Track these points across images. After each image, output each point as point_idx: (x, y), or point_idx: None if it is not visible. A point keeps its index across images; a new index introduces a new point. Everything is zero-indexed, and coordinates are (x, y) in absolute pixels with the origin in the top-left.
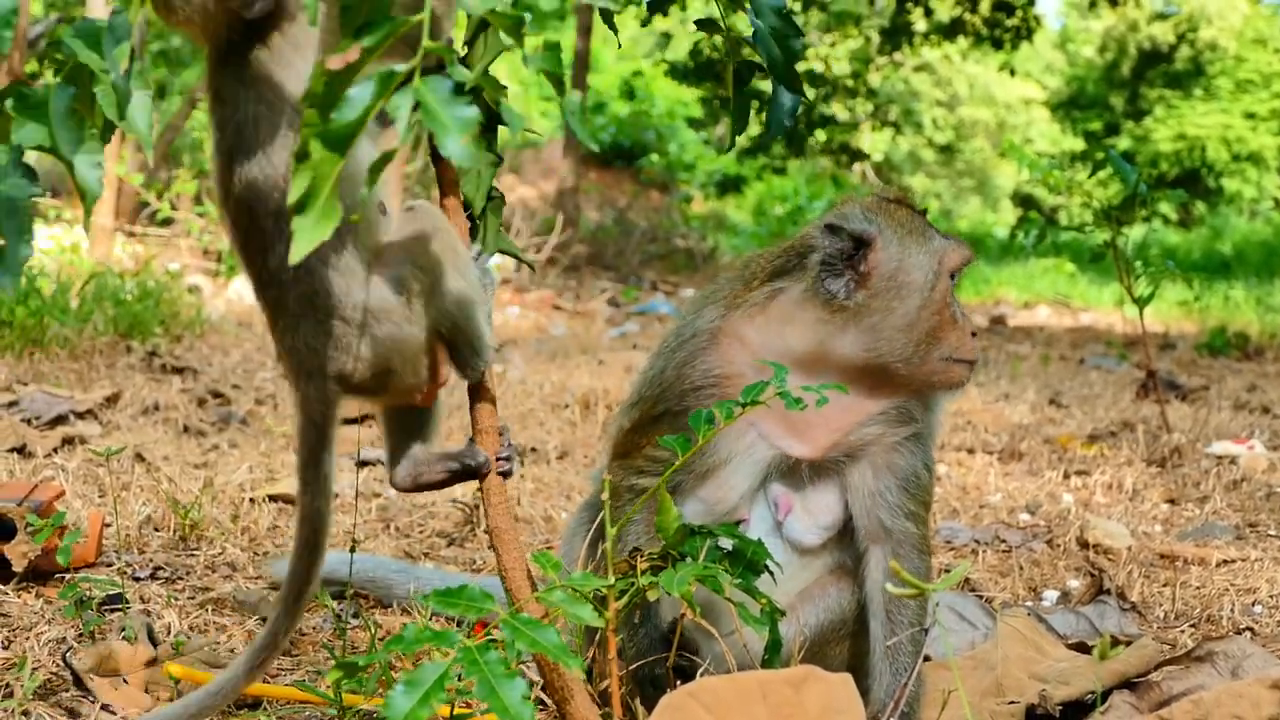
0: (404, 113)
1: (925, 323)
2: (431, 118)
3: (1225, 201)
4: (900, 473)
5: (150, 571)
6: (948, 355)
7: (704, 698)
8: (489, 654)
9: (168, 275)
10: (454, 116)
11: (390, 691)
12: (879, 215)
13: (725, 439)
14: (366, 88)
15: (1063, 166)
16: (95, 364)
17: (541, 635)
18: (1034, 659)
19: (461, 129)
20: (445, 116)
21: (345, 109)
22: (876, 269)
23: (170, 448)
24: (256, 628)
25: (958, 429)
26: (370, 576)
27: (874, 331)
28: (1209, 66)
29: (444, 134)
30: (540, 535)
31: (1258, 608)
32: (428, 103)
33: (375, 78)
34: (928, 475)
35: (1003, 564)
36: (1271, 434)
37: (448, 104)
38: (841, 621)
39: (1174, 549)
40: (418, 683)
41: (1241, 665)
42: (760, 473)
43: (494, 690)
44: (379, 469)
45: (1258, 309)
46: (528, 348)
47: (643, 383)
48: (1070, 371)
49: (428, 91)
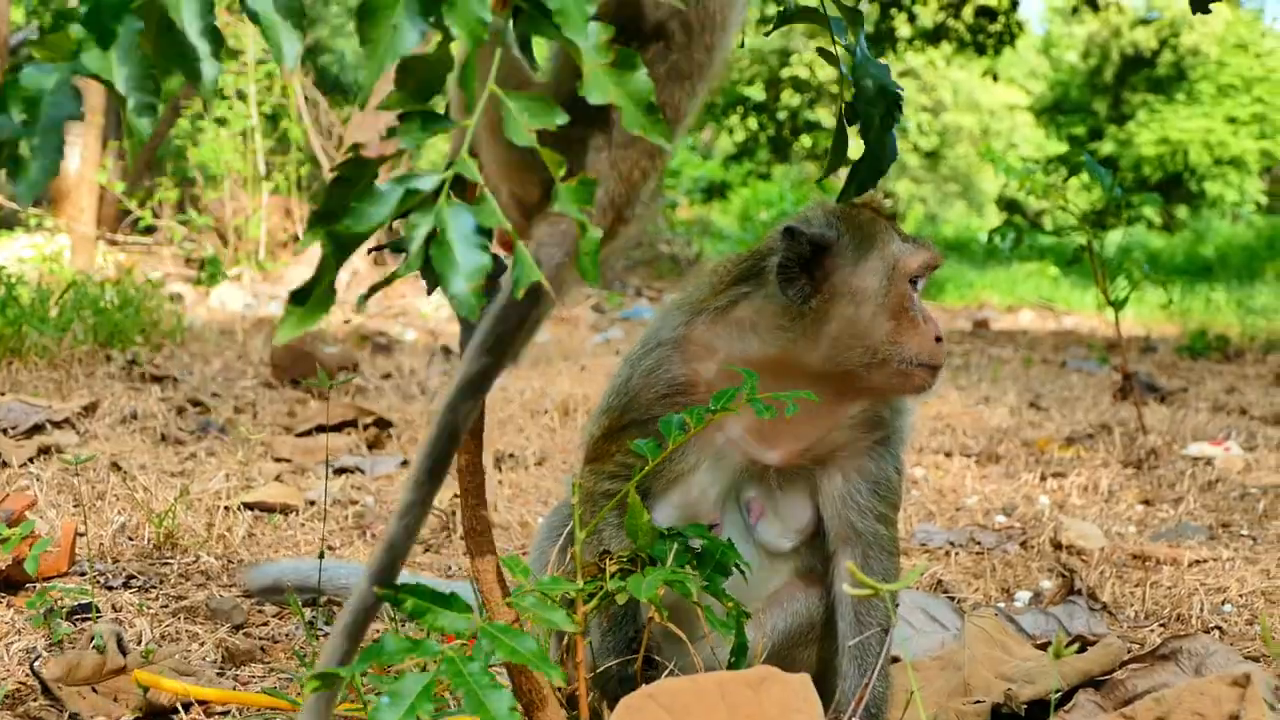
0: (419, 238)
1: (882, 328)
2: (444, 254)
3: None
4: (870, 476)
5: (123, 580)
6: (909, 360)
7: (663, 699)
8: (470, 664)
9: (148, 284)
10: (468, 260)
11: (376, 702)
12: (840, 220)
13: (694, 445)
14: (388, 197)
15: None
16: (74, 373)
17: (520, 644)
18: (1001, 659)
19: (472, 276)
20: (459, 257)
21: (358, 219)
22: (833, 274)
23: (147, 456)
24: (228, 636)
25: (936, 432)
26: (344, 584)
27: (832, 338)
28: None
29: (452, 275)
30: (517, 540)
31: (1227, 607)
32: (446, 236)
33: (401, 189)
34: (898, 478)
35: (976, 565)
36: (1248, 435)
37: (465, 243)
38: (810, 625)
39: (1147, 549)
40: (402, 694)
41: (1205, 663)
42: (730, 478)
43: (481, 702)
44: (356, 476)
45: (1238, 312)
46: None
47: (611, 391)
48: (1051, 374)
49: (450, 223)
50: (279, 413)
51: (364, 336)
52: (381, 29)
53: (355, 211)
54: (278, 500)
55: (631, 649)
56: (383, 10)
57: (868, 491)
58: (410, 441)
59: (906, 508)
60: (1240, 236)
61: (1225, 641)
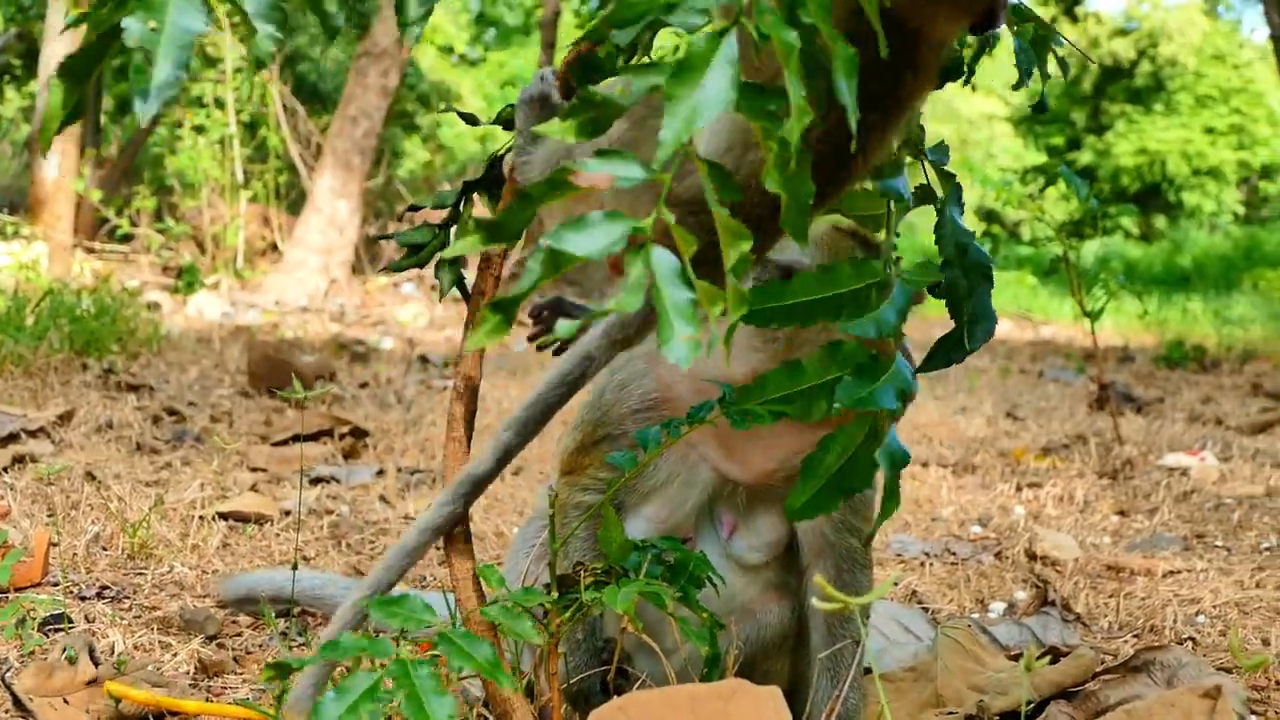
0: (635, 276)
1: None
2: (660, 300)
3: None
4: None
5: (96, 590)
6: None
7: (633, 711)
8: (423, 668)
9: (125, 292)
10: (680, 300)
11: (321, 699)
12: (819, 248)
13: (667, 460)
14: (603, 230)
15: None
16: (50, 382)
17: (476, 650)
18: (974, 670)
19: (686, 317)
20: (672, 295)
21: (570, 243)
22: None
23: (122, 466)
24: (202, 647)
25: (913, 442)
26: (318, 594)
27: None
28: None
29: (669, 331)
30: (493, 550)
31: (1200, 618)
32: (658, 279)
33: (623, 225)
34: (871, 494)
35: (951, 576)
36: (1223, 445)
37: (674, 284)
38: (783, 636)
39: (1121, 560)
40: (348, 691)
41: (1177, 674)
42: (702, 493)
43: (421, 706)
44: (331, 485)
45: (1215, 322)
46: (488, 363)
47: (585, 405)
48: (1028, 384)
49: (660, 264)
50: (255, 422)
51: (341, 345)
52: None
53: (566, 237)
54: (253, 510)
55: (601, 660)
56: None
57: (844, 507)
58: (386, 451)
59: None
60: (1217, 247)
61: (1198, 653)
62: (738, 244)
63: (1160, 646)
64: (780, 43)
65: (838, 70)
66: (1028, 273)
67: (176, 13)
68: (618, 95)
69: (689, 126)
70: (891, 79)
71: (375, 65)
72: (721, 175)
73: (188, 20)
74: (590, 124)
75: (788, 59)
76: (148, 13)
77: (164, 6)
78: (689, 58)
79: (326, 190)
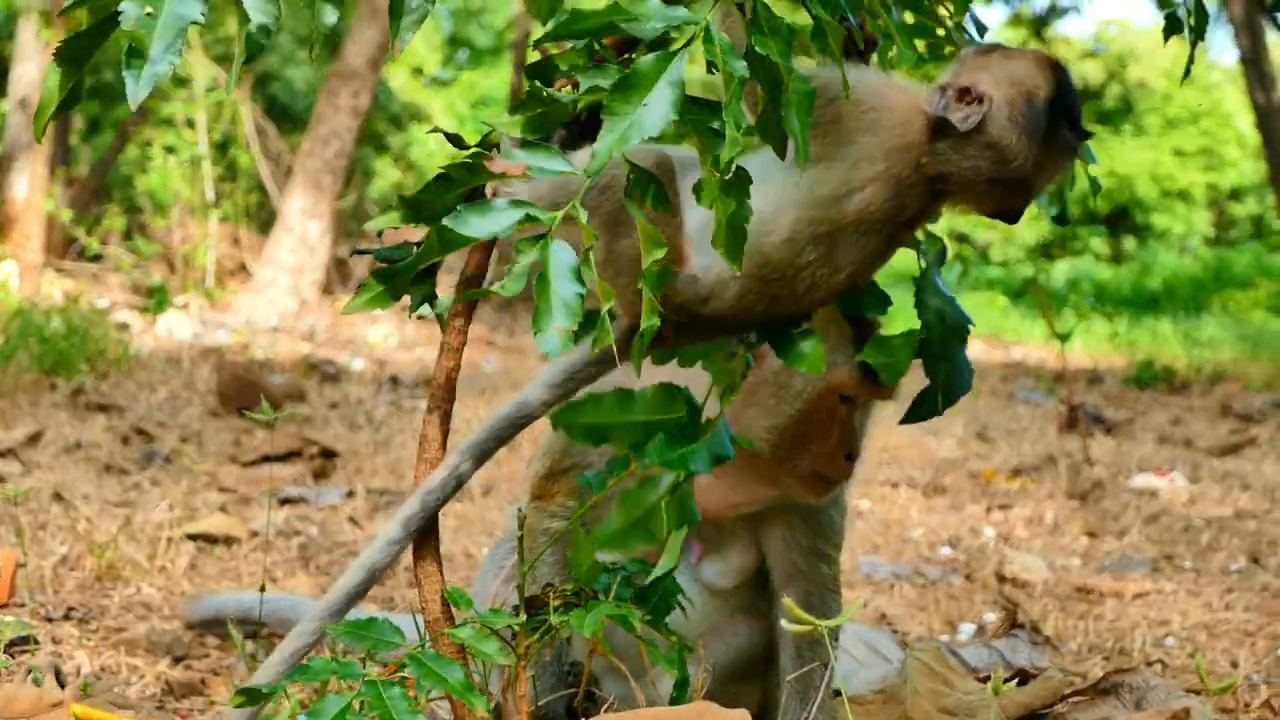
0: (523, 264)
1: (794, 428)
2: (543, 290)
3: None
4: (813, 518)
5: (64, 612)
6: (812, 468)
7: None
8: (393, 690)
9: (95, 312)
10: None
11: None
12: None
13: None
14: (503, 215)
15: None
16: (18, 402)
17: (448, 672)
18: (942, 692)
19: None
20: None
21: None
22: (765, 360)
23: (91, 486)
24: (168, 668)
25: (884, 464)
26: (286, 616)
27: (750, 415)
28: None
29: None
30: (461, 571)
31: (1169, 640)
32: (548, 272)
33: (520, 211)
34: (840, 520)
35: (921, 598)
36: (1192, 467)
37: (564, 279)
38: (751, 659)
39: (1090, 582)
40: (320, 713)
41: (1145, 697)
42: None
43: None
44: (301, 506)
45: (1185, 343)
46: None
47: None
48: (999, 405)
49: (554, 258)
50: (225, 442)
51: (312, 365)
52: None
53: (465, 218)
54: (221, 531)
55: (568, 683)
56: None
57: (810, 533)
58: (356, 472)
59: (852, 539)
60: (1187, 269)
61: (1167, 675)
62: (653, 251)
63: (1129, 669)
64: (725, 72)
65: (790, 104)
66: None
67: (174, 3)
68: (562, 95)
69: (624, 141)
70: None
71: (346, 86)
72: (644, 178)
73: (184, 8)
74: (537, 120)
75: (728, 86)
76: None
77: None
78: (634, 74)
79: (297, 210)
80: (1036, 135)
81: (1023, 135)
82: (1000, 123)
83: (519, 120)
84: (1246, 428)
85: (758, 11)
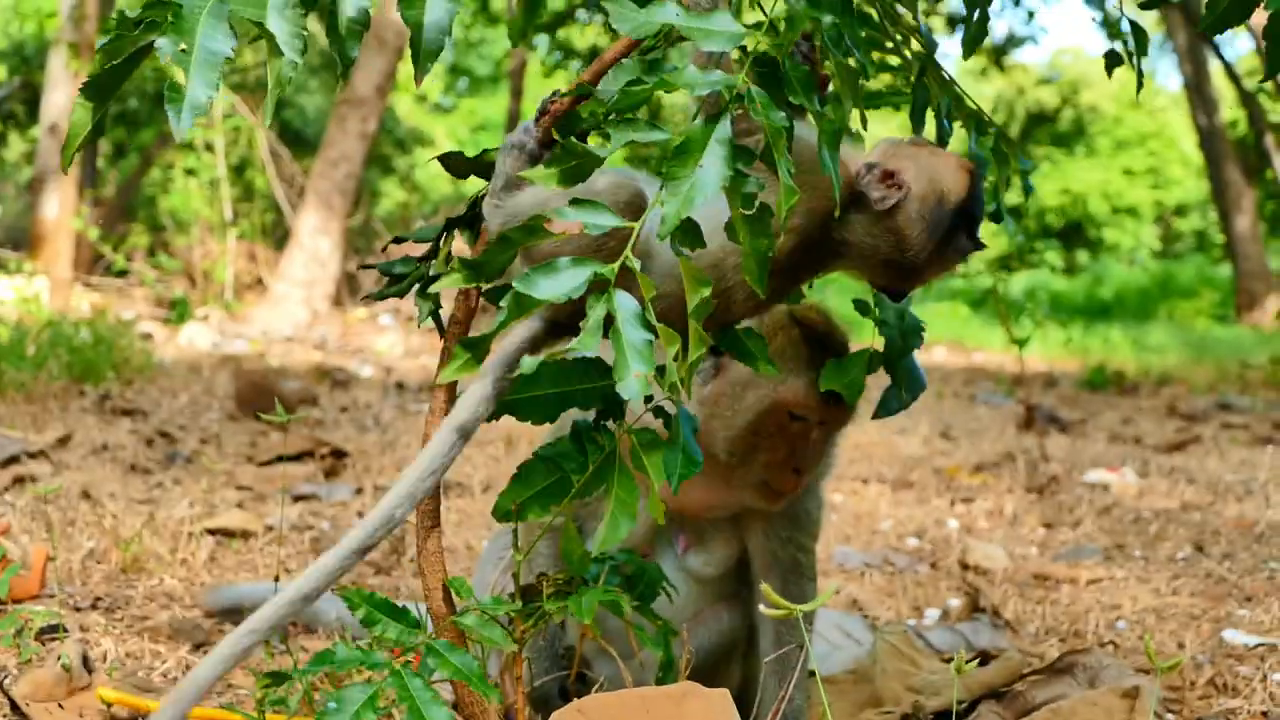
0: (597, 318)
1: (745, 441)
2: (618, 339)
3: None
4: (791, 512)
5: (91, 602)
6: (761, 477)
7: (590, 713)
8: (414, 679)
9: (120, 323)
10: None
11: (323, 709)
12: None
13: None
14: (569, 275)
15: None
16: (50, 407)
17: (462, 661)
18: (910, 672)
19: (643, 360)
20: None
21: (536, 287)
22: (728, 372)
23: (117, 485)
24: (189, 654)
25: (854, 460)
26: None
27: (712, 425)
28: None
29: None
30: (463, 563)
31: (1121, 623)
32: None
33: (587, 269)
34: (817, 512)
35: (890, 585)
36: (1141, 463)
37: (634, 326)
38: (733, 643)
39: (1047, 569)
40: (348, 701)
41: (1099, 676)
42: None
43: (422, 715)
44: (313, 502)
45: (1134, 349)
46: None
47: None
48: (962, 407)
49: (621, 307)
50: (242, 444)
51: (323, 372)
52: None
53: (534, 281)
54: (239, 526)
55: (561, 666)
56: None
57: (788, 525)
58: (364, 470)
59: (826, 531)
60: (1136, 280)
61: (1119, 656)
62: (698, 290)
63: (1083, 650)
64: (769, 125)
65: (822, 143)
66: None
67: (205, 36)
68: (595, 148)
69: (689, 204)
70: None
71: (355, 112)
72: (691, 229)
73: (215, 43)
74: (571, 172)
75: (776, 139)
76: (178, 35)
77: (193, 30)
78: (687, 141)
79: (309, 228)
80: (937, 235)
81: (925, 231)
82: (910, 214)
83: (553, 173)
84: (1191, 427)
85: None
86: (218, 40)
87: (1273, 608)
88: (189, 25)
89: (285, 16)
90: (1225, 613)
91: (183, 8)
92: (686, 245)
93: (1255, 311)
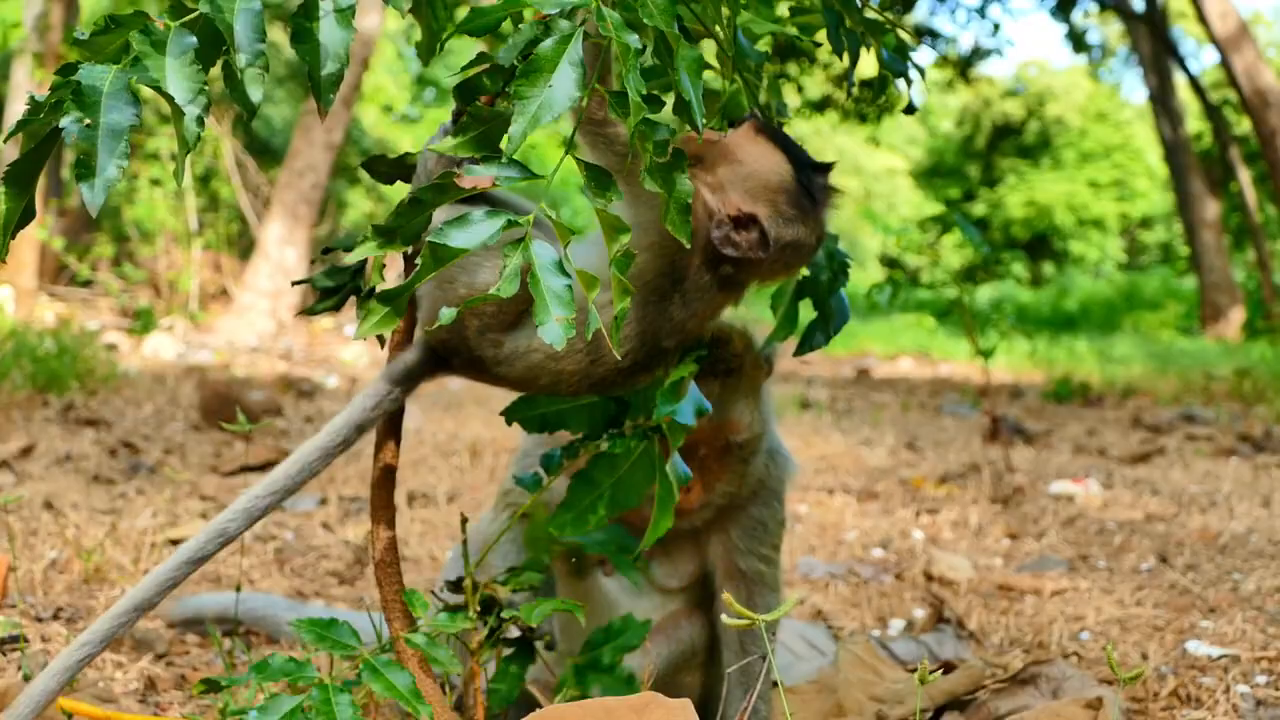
0: (512, 267)
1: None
2: (536, 285)
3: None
4: (753, 523)
5: (52, 612)
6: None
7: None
8: (342, 695)
9: (85, 334)
10: (558, 287)
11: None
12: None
13: None
14: (483, 226)
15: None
16: (13, 417)
17: (396, 678)
18: (873, 682)
19: (562, 305)
20: (550, 284)
21: (451, 238)
22: None
23: (80, 495)
24: (150, 665)
25: (820, 471)
26: (261, 615)
27: None
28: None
29: (545, 305)
30: (428, 573)
31: (1084, 634)
32: (536, 269)
33: (500, 219)
34: (777, 524)
35: (854, 595)
36: (1106, 474)
37: (552, 273)
38: (694, 652)
39: (1011, 580)
40: (272, 711)
41: (1062, 686)
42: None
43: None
44: (276, 513)
45: (1099, 361)
46: (425, 399)
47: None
48: (928, 418)
49: (539, 256)
50: (206, 454)
51: (289, 382)
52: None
53: (449, 233)
54: None
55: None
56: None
57: (750, 537)
58: (328, 481)
59: (791, 542)
60: (1101, 292)
61: (1082, 666)
62: (618, 237)
63: (1047, 660)
64: (620, 45)
65: (680, 69)
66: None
67: (109, 110)
68: (502, 107)
69: (536, 122)
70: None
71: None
72: (600, 176)
73: (119, 115)
74: (480, 138)
75: (625, 58)
76: (83, 112)
77: (97, 105)
78: (536, 59)
79: (275, 238)
80: (809, 208)
81: (801, 220)
82: (780, 226)
83: (464, 141)
84: (1155, 438)
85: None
86: (121, 111)
87: (1236, 619)
88: (91, 101)
89: (184, 75)
90: (1189, 624)
91: (82, 85)
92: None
93: (1220, 323)
